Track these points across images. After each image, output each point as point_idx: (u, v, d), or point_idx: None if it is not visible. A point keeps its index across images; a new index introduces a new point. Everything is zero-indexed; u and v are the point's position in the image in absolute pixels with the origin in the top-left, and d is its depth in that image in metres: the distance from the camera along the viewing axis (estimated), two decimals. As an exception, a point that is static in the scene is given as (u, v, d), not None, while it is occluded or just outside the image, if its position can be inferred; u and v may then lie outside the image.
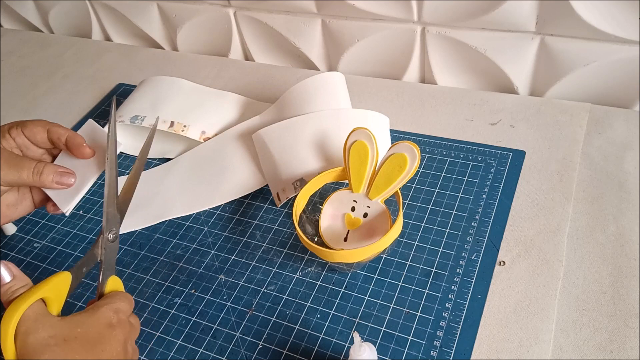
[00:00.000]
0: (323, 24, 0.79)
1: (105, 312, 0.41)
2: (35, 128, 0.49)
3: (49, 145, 0.51)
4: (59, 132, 0.50)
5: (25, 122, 0.50)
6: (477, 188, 0.60)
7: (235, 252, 0.59)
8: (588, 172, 0.60)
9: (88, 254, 0.46)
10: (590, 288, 0.50)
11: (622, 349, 0.46)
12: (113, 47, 0.96)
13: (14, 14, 1.06)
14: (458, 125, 0.68)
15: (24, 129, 0.49)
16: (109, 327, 0.40)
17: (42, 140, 0.50)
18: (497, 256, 0.54)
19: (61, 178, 0.49)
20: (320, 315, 0.52)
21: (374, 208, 0.53)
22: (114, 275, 0.46)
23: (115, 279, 0.46)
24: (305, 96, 0.63)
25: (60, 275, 0.42)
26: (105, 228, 0.47)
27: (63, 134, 0.50)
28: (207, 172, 0.66)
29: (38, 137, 0.50)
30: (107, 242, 0.47)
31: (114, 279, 0.46)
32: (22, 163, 0.48)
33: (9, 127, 0.49)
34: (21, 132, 0.49)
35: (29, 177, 0.48)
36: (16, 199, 0.50)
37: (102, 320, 0.40)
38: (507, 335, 0.48)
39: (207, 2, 0.84)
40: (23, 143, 0.50)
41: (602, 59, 0.65)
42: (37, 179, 0.48)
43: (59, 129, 0.50)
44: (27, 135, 0.49)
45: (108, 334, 0.40)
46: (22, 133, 0.49)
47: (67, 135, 0.50)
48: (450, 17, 0.69)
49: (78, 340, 0.38)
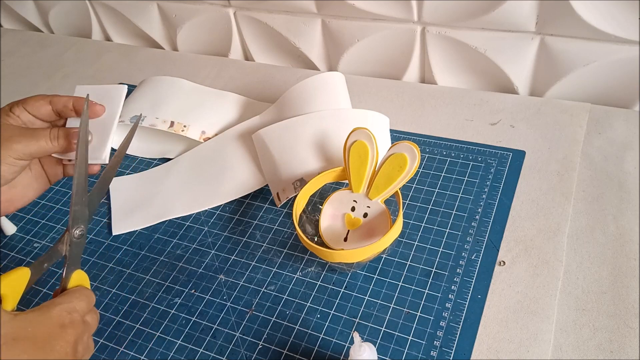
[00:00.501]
0: (323, 24, 0.79)
1: (59, 312, 0.41)
2: (37, 102, 0.49)
3: (54, 117, 0.51)
4: (63, 100, 0.50)
5: (26, 99, 0.49)
6: (477, 188, 0.60)
7: (235, 252, 0.59)
8: (588, 172, 0.60)
9: (50, 250, 0.45)
10: (590, 288, 0.50)
11: (622, 349, 0.46)
12: (113, 47, 0.96)
13: (14, 14, 1.06)
14: (458, 125, 0.68)
15: (25, 105, 0.49)
16: (60, 327, 0.40)
17: (47, 113, 0.50)
18: (497, 256, 0.54)
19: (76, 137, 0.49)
20: (320, 315, 0.52)
21: (374, 208, 0.53)
22: (79, 270, 0.46)
23: (81, 273, 0.46)
24: (305, 96, 0.63)
25: (18, 271, 0.42)
26: (71, 225, 0.46)
27: (68, 101, 0.50)
28: (207, 172, 0.66)
29: (42, 111, 0.49)
30: (73, 239, 0.46)
31: (79, 273, 0.45)
32: (36, 133, 0.48)
33: (10, 106, 0.49)
34: (24, 109, 0.49)
35: (47, 144, 0.48)
36: (30, 178, 0.50)
37: (54, 320, 0.40)
38: (507, 335, 0.48)
39: (207, 2, 0.84)
40: (28, 119, 0.49)
41: (602, 59, 0.65)
42: (55, 144, 0.48)
43: (62, 98, 0.50)
44: (30, 111, 0.49)
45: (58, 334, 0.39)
46: (24, 110, 0.49)
47: (73, 100, 0.50)
48: (450, 17, 0.69)
49: (28, 340, 0.37)
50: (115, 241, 0.62)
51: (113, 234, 0.63)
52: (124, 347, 0.53)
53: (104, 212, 0.66)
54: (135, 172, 0.70)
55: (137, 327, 0.54)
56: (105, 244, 0.62)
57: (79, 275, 0.45)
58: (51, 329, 0.39)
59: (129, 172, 0.70)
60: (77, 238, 0.46)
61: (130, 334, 0.53)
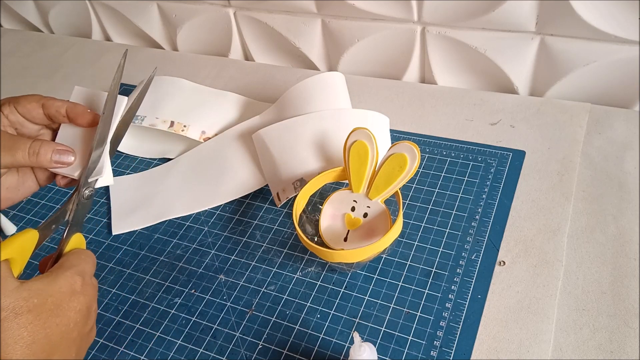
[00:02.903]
0: (323, 24, 0.79)
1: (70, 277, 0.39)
2: (29, 104, 0.46)
3: (46, 121, 0.48)
4: (56, 104, 0.47)
5: (18, 98, 0.47)
6: (477, 188, 0.60)
7: (235, 252, 0.59)
8: (588, 172, 0.60)
9: (59, 211, 0.43)
10: (590, 288, 0.50)
11: (622, 349, 0.46)
12: (113, 47, 0.96)
13: (14, 14, 1.06)
14: (458, 125, 0.68)
15: (17, 105, 0.46)
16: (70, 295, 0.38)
17: (38, 116, 0.47)
18: (497, 256, 0.54)
19: (60, 157, 0.46)
20: (320, 315, 0.52)
21: (374, 208, 0.53)
22: (79, 233, 0.44)
23: (79, 236, 0.44)
24: (305, 96, 0.63)
25: (27, 234, 0.40)
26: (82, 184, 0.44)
27: (61, 106, 0.47)
28: (207, 172, 0.66)
29: (34, 113, 0.47)
30: (81, 199, 0.44)
31: (77, 236, 0.44)
32: (16, 144, 0.44)
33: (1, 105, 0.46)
34: (14, 109, 0.46)
35: (24, 158, 0.44)
36: (17, 180, 0.48)
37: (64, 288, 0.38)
38: (507, 335, 0.48)
39: (207, 2, 0.84)
40: (17, 120, 0.46)
41: (602, 59, 0.65)
42: (33, 159, 0.45)
43: (55, 102, 0.47)
44: (21, 112, 0.46)
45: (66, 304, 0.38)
46: (15, 110, 0.46)
47: (67, 106, 0.47)
48: (450, 17, 0.69)
49: (31, 312, 0.36)
50: (115, 241, 0.62)
51: (113, 234, 0.63)
52: (124, 347, 0.53)
53: (104, 212, 0.66)
54: (135, 172, 0.70)
55: (137, 327, 0.54)
56: (105, 244, 0.62)
57: (78, 238, 0.44)
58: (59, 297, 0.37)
59: (129, 172, 0.70)
60: (85, 198, 0.45)
61: (130, 334, 0.53)
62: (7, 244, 0.38)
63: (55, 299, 0.37)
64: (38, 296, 0.36)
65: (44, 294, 0.37)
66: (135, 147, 0.73)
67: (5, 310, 0.35)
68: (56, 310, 0.37)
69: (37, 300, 0.36)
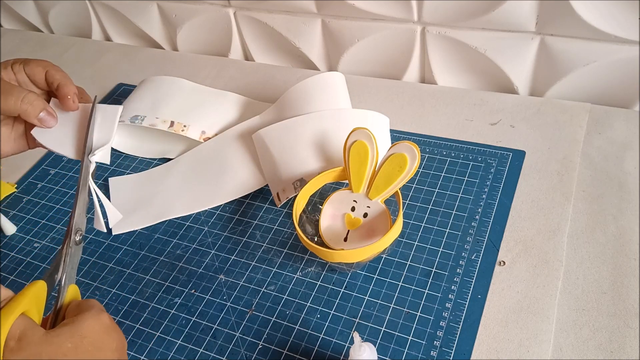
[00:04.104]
0: (323, 24, 0.79)
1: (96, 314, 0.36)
2: (36, 67, 0.48)
3: (46, 88, 0.50)
4: (55, 76, 0.48)
5: (29, 60, 0.49)
6: (477, 188, 0.60)
7: (235, 252, 0.59)
8: (588, 172, 0.60)
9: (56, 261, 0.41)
10: (590, 288, 0.50)
11: (622, 349, 0.46)
12: (113, 47, 0.96)
13: (14, 14, 1.06)
14: (458, 125, 0.68)
15: (25, 66, 0.48)
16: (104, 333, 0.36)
17: (40, 80, 0.49)
18: (497, 256, 0.54)
19: (45, 116, 0.48)
20: (320, 315, 0.52)
21: (374, 208, 0.53)
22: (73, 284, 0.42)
23: (74, 287, 0.42)
24: (305, 96, 0.63)
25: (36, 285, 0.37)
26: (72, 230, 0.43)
27: (57, 79, 0.48)
28: (207, 172, 0.66)
29: (37, 77, 0.49)
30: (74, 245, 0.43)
31: (73, 287, 0.41)
32: (12, 90, 0.46)
33: (13, 61, 0.48)
34: (22, 69, 0.48)
35: (15, 104, 0.46)
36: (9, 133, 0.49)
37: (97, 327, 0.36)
38: (507, 335, 0.48)
39: (207, 2, 0.84)
40: (23, 80, 0.49)
41: (602, 59, 0.65)
42: (19, 105, 0.46)
43: (56, 74, 0.49)
44: (27, 72, 0.48)
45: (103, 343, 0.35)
46: (23, 70, 0.48)
47: (60, 82, 0.48)
48: (450, 17, 0.69)
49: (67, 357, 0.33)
50: (115, 241, 0.62)
51: (113, 234, 0.63)
52: (124, 347, 0.53)
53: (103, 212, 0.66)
54: (135, 172, 0.70)
55: (137, 327, 0.54)
56: (105, 244, 0.62)
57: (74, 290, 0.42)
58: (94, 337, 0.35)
59: (129, 172, 0.70)
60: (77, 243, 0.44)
61: (130, 334, 0.53)
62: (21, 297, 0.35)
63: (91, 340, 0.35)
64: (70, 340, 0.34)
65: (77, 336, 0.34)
66: (135, 147, 0.73)
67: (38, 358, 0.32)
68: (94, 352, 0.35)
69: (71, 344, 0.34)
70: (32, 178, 0.72)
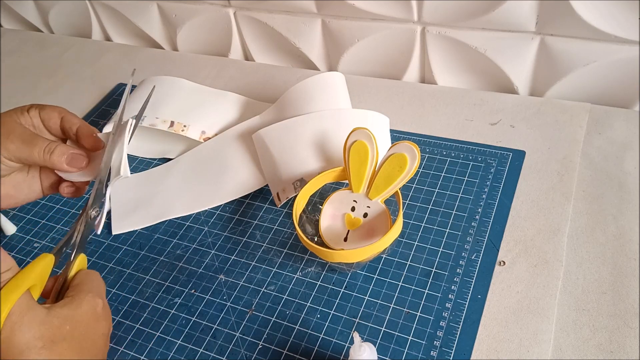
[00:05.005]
0: (323, 24, 0.79)
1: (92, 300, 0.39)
2: (52, 113, 0.49)
3: (60, 135, 0.50)
4: (73, 121, 0.49)
5: (44, 106, 0.49)
6: (477, 188, 0.60)
7: (235, 252, 0.59)
8: (588, 172, 0.60)
9: (69, 234, 0.44)
10: (590, 288, 0.50)
11: (622, 349, 0.46)
12: (113, 47, 0.96)
13: (14, 14, 1.06)
14: (458, 125, 0.68)
15: (41, 111, 0.48)
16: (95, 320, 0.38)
17: (55, 126, 0.49)
18: (497, 256, 0.54)
19: (72, 160, 0.48)
20: (320, 315, 0.52)
21: (374, 208, 0.53)
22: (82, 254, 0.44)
23: (83, 256, 0.44)
24: (305, 96, 0.63)
25: (44, 259, 0.40)
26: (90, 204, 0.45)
27: (76, 124, 0.49)
28: (207, 172, 0.66)
29: (51, 123, 0.49)
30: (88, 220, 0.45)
31: (81, 257, 0.44)
32: (35, 140, 0.46)
33: (29, 107, 0.49)
34: (38, 114, 0.48)
35: (39, 155, 0.46)
36: (24, 180, 0.49)
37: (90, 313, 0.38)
38: (507, 335, 0.48)
39: (207, 2, 0.84)
40: (38, 125, 0.49)
41: (602, 59, 0.65)
42: (47, 157, 0.46)
43: (73, 119, 0.49)
44: (42, 118, 0.48)
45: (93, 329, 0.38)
46: (38, 115, 0.48)
47: (79, 125, 0.49)
48: (450, 17, 0.69)
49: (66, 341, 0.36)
50: (115, 241, 0.62)
51: (113, 234, 0.63)
52: (124, 347, 0.53)
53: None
54: (135, 172, 0.70)
55: (137, 327, 0.54)
56: (105, 244, 0.62)
57: (82, 259, 0.44)
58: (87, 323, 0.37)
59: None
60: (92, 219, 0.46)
61: (130, 334, 0.53)
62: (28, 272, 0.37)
63: (84, 324, 0.37)
64: (69, 323, 0.36)
65: (74, 320, 0.37)
66: (135, 147, 0.73)
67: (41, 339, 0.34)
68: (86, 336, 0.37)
69: (69, 327, 0.36)
70: (32, 178, 0.72)
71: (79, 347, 0.36)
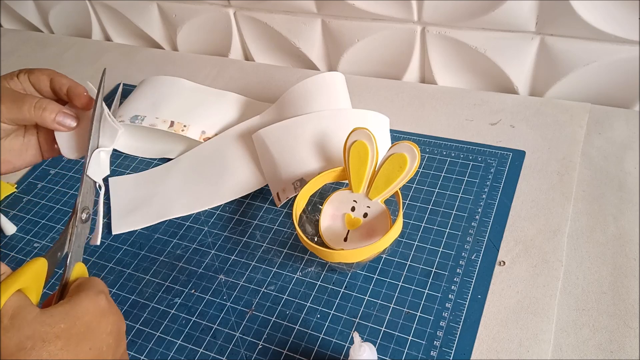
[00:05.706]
0: (323, 24, 0.79)
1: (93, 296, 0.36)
2: (41, 75, 0.49)
3: (52, 96, 0.50)
4: (62, 81, 0.49)
5: (33, 69, 0.49)
6: (477, 188, 0.60)
7: (235, 252, 0.59)
8: (588, 172, 0.60)
9: (61, 238, 0.41)
10: (590, 288, 0.50)
11: (622, 349, 0.46)
12: (113, 47, 0.96)
13: (14, 14, 1.06)
14: (458, 125, 0.68)
15: (30, 75, 0.49)
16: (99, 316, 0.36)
17: (45, 88, 0.49)
18: (497, 256, 0.54)
19: (63, 118, 0.48)
20: (320, 315, 0.52)
21: (374, 208, 0.53)
22: (80, 262, 0.42)
23: (81, 265, 0.42)
24: (305, 96, 0.63)
25: (36, 262, 0.37)
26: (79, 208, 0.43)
27: (65, 84, 0.49)
28: (207, 172, 0.66)
29: (42, 85, 0.49)
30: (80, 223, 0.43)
31: (79, 265, 0.41)
32: (24, 98, 0.46)
33: (18, 72, 0.49)
34: (27, 78, 0.49)
35: (30, 111, 0.46)
36: (21, 144, 0.49)
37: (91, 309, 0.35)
38: (507, 335, 0.48)
39: (207, 2, 0.84)
40: (28, 89, 0.49)
41: (602, 59, 0.65)
42: (38, 114, 0.46)
43: (62, 79, 0.49)
44: (32, 81, 0.49)
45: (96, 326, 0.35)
46: (27, 79, 0.49)
47: (69, 85, 0.49)
48: (450, 17, 0.69)
49: (60, 339, 0.33)
50: (115, 241, 0.62)
51: (113, 234, 0.63)
52: (124, 347, 0.53)
53: (103, 211, 0.66)
54: (135, 172, 0.70)
55: (137, 327, 0.54)
56: (105, 244, 0.62)
57: (80, 267, 0.42)
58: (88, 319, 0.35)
59: (129, 172, 0.70)
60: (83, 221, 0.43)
61: (130, 334, 0.53)
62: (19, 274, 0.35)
63: (84, 321, 0.35)
64: (64, 320, 0.34)
65: (70, 317, 0.34)
66: (135, 147, 0.73)
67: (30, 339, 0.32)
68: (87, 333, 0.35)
69: (64, 324, 0.34)
70: (32, 178, 0.72)
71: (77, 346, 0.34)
